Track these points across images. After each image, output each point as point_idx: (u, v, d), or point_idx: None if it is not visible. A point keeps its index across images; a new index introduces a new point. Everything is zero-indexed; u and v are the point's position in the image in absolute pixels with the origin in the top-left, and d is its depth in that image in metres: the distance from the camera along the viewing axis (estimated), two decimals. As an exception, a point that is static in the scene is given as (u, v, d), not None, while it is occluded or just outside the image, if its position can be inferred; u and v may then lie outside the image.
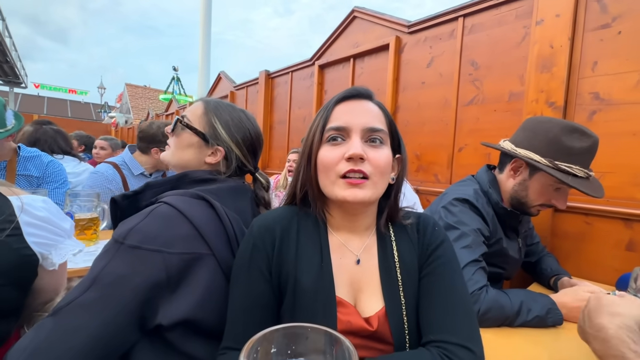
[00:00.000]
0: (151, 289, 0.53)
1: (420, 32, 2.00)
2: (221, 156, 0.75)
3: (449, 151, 1.82)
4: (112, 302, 0.51)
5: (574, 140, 0.93)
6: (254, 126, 0.81)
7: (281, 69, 3.32)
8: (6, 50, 11.18)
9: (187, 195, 0.64)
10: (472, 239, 0.93)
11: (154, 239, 0.55)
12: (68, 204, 1.29)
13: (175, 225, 0.58)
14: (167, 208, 0.60)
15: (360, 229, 0.62)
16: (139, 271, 0.53)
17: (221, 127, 0.75)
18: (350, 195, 0.54)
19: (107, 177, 1.72)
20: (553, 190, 1.00)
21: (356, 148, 0.54)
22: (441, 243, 0.61)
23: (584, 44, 1.33)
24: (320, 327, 0.32)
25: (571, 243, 1.34)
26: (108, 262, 0.53)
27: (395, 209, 0.64)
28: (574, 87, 1.35)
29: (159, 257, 0.54)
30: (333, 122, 0.58)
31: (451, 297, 0.56)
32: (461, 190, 1.06)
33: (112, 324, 0.51)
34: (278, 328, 0.31)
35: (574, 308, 0.85)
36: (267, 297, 0.56)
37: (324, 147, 0.58)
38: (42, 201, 0.70)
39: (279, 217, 0.61)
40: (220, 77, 4.63)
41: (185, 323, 0.56)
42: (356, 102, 0.60)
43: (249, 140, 0.79)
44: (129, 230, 0.55)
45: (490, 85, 1.67)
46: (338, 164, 0.56)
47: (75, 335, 0.48)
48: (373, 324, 0.56)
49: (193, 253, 0.58)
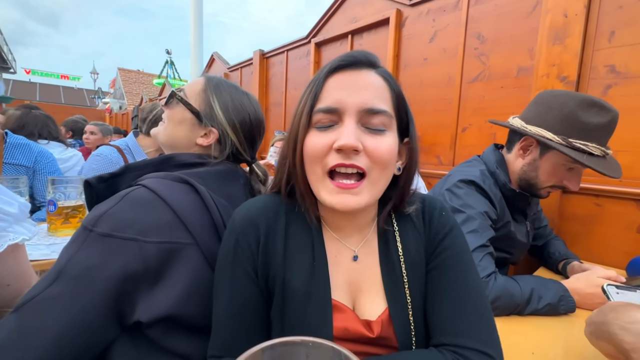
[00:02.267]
0: (126, 281, 0.48)
1: (422, 4, 1.87)
2: (214, 139, 0.68)
3: (452, 131, 1.74)
4: (80, 297, 0.46)
5: (591, 115, 0.85)
6: (255, 112, 0.73)
7: (276, 48, 3.18)
8: (-9, 34, 10.79)
9: (168, 178, 0.58)
10: (479, 223, 0.87)
11: (129, 227, 0.49)
12: (51, 191, 1.22)
13: (153, 211, 0.52)
14: (145, 191, 0.54)
15: (360, 225, 0.54)
16: (111, 262, 0.47)
17: (219, 108, 0.68)
18: (339, 203, 0.45)
19: (110, 159, 1.62)
20: (565, 171, 0.93)
21: (347, 137, 0.43)
22: (450, 230, 0.53)
23: (601, 12, 1.23)
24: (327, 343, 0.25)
25: (580, 225, 1.29)
26: (76, 252, 0.48)
27: (402, 201, 0.54)
28: (588, 60, 1.26)
29: (135, 246, 0.48)
30: (322, 101, 0.47)
31: (464, 292, 0.49)
32: (467, 171, 1.00)
33: (82, 321, 0.45)
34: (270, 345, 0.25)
35: (588, 295, 0.80)
36: (256, 300, 0.49)
37: (311, 133, 0.47)
38: None
39: (264, 208, 0.52)
40: (214, 59, 4.46)
41: (168, 319, 0.51)
42: (353, 74, 0.47)
43: (247, 126, 0.71)
44: (99, 216, 0.49)
45: (497, 60, 1.57)
46: (326, 156, 0.45)
47: (40, 334, 0.43)
48: (374, 329, 0.49)
49: (173, 242, 0.52)
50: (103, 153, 1.64)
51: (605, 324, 0.50)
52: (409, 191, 0.54)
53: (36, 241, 1.15)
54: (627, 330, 0.47)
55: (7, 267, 0.64)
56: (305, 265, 0.50)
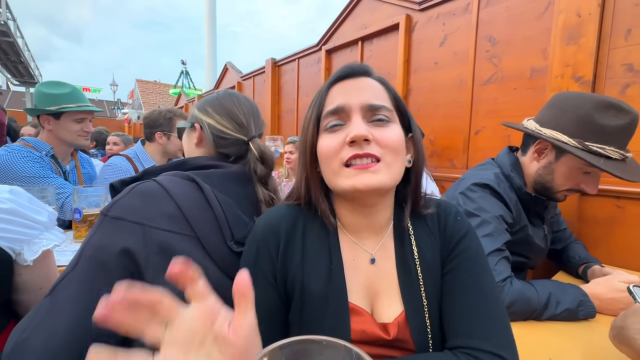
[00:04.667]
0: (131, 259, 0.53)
1: (432, 8, 1.88)
2: (198, 131, 0.74)
3: (465, 134, 1.72)
4: (97, 272, 0.51)
5: (608, 117, 0.83)
6: (231, 95, 0.77)
7: (287, 56, 3.23)
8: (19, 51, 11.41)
9: (177, 176, 0.63)
10: (494, 227, 0.86)
11: (136, 212, 0.55)
12: (76, 199, 1.29)
13: (159, 201, 0.57)
14: (153, 184, 0.60)
15: (376, 225, 0.55)
16: (119, 240, 0.53)
17: (195, 109, 0.77)
18: (359, 182, 0.46)
19: (120, 168, 1.73)
20: (582, 174, 0.91)
21: (358, 129, 0.47)
22: (465, 234, 0.54)
23: (616, 10, 1.21)
24: (339, 342, 0.27)
25: (601, 228, 1.25)
26: (93, 235, 0.54)
27: (418, 196, 0.55)
28: (604, 59, 1.24)
29: (140, 229, 0.54)
30: (328, 105, 0.52)
31: (479, 295, 0.49)
32: (481, 174, 0.99)
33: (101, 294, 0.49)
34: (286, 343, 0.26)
35: (609, 300, 0.78)
36: (275, 306, 0.52)
37: (322, 136, 0.51)
38: (8, 192, 0.66)
39: (283, 216, 0.55)
40: (227, 68, 4.57)
41: None
42: (352, 81, 0.53)
43: (221, 107, 0.74)
44: (113, 203, 0.56)
45: (509, 62, 1.55)
46: (340, 151, 0.48)
47: (67, 307, 0.49)
48: (390, 331, 0.50)
49: (174, 232, 0.56)
50: (113, 163, 1.76)
51: (624, 329, 0.50)
52: (421, 185, 0.56)
53: (63, 247, 1.21)
54: None
55: (40, 272, 0.69)
56: (323, 270, 0.51)
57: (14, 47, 11.13)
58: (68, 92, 1.49)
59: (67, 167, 1.59)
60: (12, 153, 1.38)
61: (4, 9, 9.76)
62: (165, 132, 1.79)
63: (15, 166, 1.36)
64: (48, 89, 1.48)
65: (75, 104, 1.49)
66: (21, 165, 1.37)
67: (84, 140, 1.58)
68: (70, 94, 1.50)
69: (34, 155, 1.42)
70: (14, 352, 0.47)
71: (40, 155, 1.45)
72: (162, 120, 1.78)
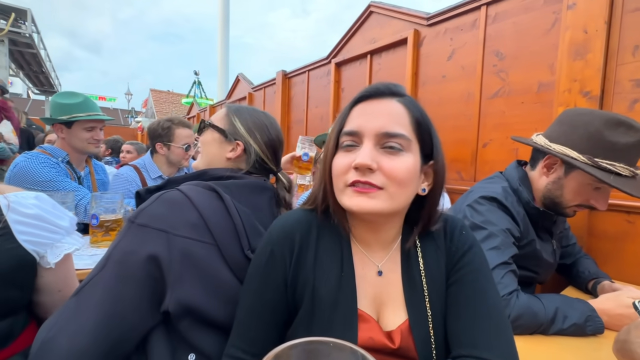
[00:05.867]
0: (153, 264, 0.55)
1: (439, 24, 1.92)
2: (240, 150, 0.77)
3: (473, 147, 1.74)
4: (121, 276, 0.54)
5: (618, 134, 0.83)
6: (272, 125, 0.82)
7: (298, 68, 3.31)
8: (42, 62, 11.92)
9: (199, 186, 0.66)
10: (501, 240, 0.87)
11: (161, 220, 0.58)
12: (94, 205, 1.34)
13: (182, 210, 0.60)
14: (178, 194, 0.63)
15: (384, 241, 0.57)
16: (145, 246, 0.55)
17: (240, 124, 0.78)
18: (355, 205, 0.48)
19: (126, 178, 1.77)
20: (592, 190, 0.91)
21: (363, 157, 0.48)
22: (470, 248, 0.56)
23: (623, 27, 1.22)
24: (345, 344, 0.28)
25: (611, 244, 1.24)
26: (120, 240, 0.57)
27: (431, 221, 0.56)
28: (611, 75, 1.25)
29: (164, 236, 0.57)
30: (347, 125, 0.53)
31: (483, 307, 0.51)
32: (488, 187, 1.00)
33: (123, 298, 0.53)
34: (296, 343, 0.28)
35: (617, 315, 0.77)
36: (278, 306, 0.54)
37: (338, 153, 0.54)
38: (34, 198, 0.68)
39: (298, 221, 0.57)
40: (239, 79, 4.69)
41: (191, 312, 0.57)
42: (375, 102, 0.53)
43: (267, 137, 0.79)
44: (140, 211, 0.59)
45: (516, 76, 1.57)
46: (347, 173, 0.50)
47: (91, 310, 0.52)
48: (395, 339, 0.52)
49: (196, 240, 0.59)
50: (121, 173, 1.80)
51: (628, 342, 0.50)
52: (436, 212, 0.56)
53: (80, 252, 1.25)
54: None
55: (60, 274, 0.72)
56: (334, 276, 0.53)
57: (37, 58, 11.64)
58: (79, 102, 1.55)
59: (82, 173, 1.66)
60: (30, 159, 1.45)
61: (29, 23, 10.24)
62: (164, 142, 1.80)
63: (33, 171, 1.43)
64: (61, 99, 1.55)
65: (85, 113, 1.55)
66: (39, 171, 1.44)
67: (94, 147, 1.63)
68: (81, 104, 1.56)
69: (50, 161, 1.50)
70: (42, 349, 0.50)
71: (57, 162, 1.52)
72: (160, 131, 1.79)
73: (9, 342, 0.62)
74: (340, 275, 0.53)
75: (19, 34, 10.17)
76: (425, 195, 0.55)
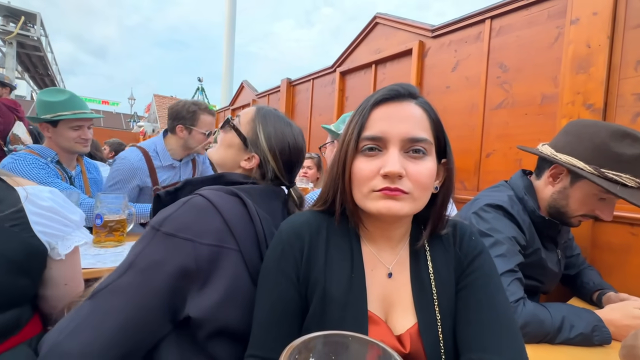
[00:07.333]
0: (181, 277, 0.54)
1: (444, 35, 1.96)
2: (255, 164, 0.75)
3: (476, 157, 1.75)
4: (145, 286, 0.52)
5: (624, 146, 0.84)
6: (295, 141, 0.78)
7: (302, 76, 3.35)
8: (48, 65, 12.07)
9: (222, 191, 0.65)
10: (507, 248, 0.87)
11: (187, 228, 0.56)
12: (98, 205, 1.34)
13: (207, 217, 0.59)
14: (202, 200, 0.61)
15: (394, 239, 0.57)
16: (172, 257, 0.54)
17: (263, 136, 0.75)
18: (384, 207, 0.49)
19: (132, 164, 1.66)
20: (597, 200, 0.92)
21: (393, 165, 0.48)
22: (479, 254, 0.56)
23: (625, 43, 1.25)
24: (363, 337, 0.29)
25: (615, 255, 1.23)
26: (144, 248, 0.55)
27: (440, 222, 0.57)
28: (614, 88, 1.27)
29: (191, 246, 0.55)
30: (368, 130, 0.52)
31: (493, 312, 0.51)
32: (494, 196, 1.01)
33: (145, 308, 0.52)
34: (319, 335, 0.29)
35: (624, 326, 0.77)
36: (295, 304, 0.53)
37: (359, 158, 0.52)
38: (48, 192, 0.70)
39: (307, 222, 0.57)
40: (243, 86, 4.74)
41: (211, 320, 0.56)
42: (396, 105, 0.52)
43: (286, 154, 0.77)
44: (165, 218, 0.57)
45: (520, 88, 1.60)
46: (373, 179, 0.50)
47: (109, 317, 0.50)
48: (405, 343, 0.51)
49: (221, 246, 0.58)
50: (127, 157, 1.68)
51: (636, 347, 0.50)
52: (446, 209, 0.57)
53: (83, 251, 1.25)
54: None
55: (68, 267, 0.74)
56: (344, 276, 0.53)
57: (43, 61, 11.78)
58: (64, 100, 1.47)
59: (73, 173, 1.60)
60: (18, 161, 1.39)
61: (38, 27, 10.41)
62: (187, 125, 1.70)
63: (21, 173, 1.35)
64: (46, 97, 1.46)
65: (71, 112, 1.47)
66: (27, 172, 1.37)
67: (82, 147, 1.55)
68: (66, 101, 1.47)
69: (39, 162, 1.43)
70: (52, 352, 0.48)
71: (46, 162, 1.46)
72: (184, 113, 1.70)
73: (17, 331, 0.63)
74: (351, 276, 0.53)
75: (27, 37, 10.33)
76: (436, 193, 0.56)
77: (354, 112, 0.56)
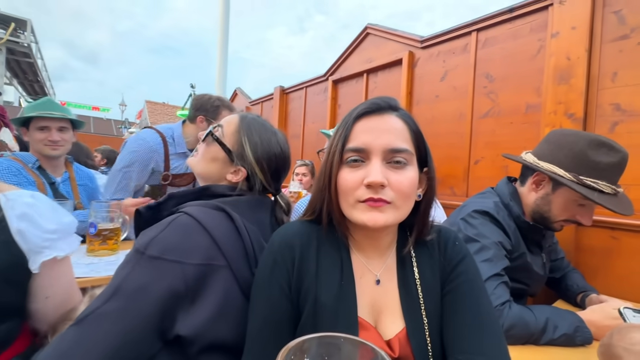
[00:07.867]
0: (170, 299, 0.53)
1: (433, 46, 2.03)
2: (242, 177, 0.74)
3: (465, 164, 1.80)
4: (132, 312, 0.51)
5: (601, 155, 0.90)
6: (282, 150, 0.77)
7: (296, 84, 3.40)
8: (38, 71, 11.92)
9: (207, 207, 0.64)
10: (493, 252, 0.91)
11: (174, 250, 0.55)
12: (92, 214, 1.34)
13: (194, 236, 0.58)
14: (187, 218, 0.60)
15: (381, 247, 0.59)
16: (159, 281, 0.53)
17: (249, 149, 0.73)
18: (369, 219, 0.51)
19: (151, 146, 1.63)
20: (577, 206, 0.97)
21: (375, 175, 0.50)
22: (463, 258, 0.59)
23: (602, 56, 1.32)
24: (355, 338, 0.31)
25: (597, 258, 1.28)
26: (129, 272, 0.54)
27: (424, 228, 0.59)
28: (593, 98, 1.33)
29: (178, 267, 0.54)
30: (352, 142, 0.54)
31: (477, 315, 0.54)
32: (481, 202, 1.04)
33: (132, 333, 0.51)
34: (313, 337, 0.31)
35: (604, 327, 0.80)
36: (288, 314, 0.54)
37: (343, 169, 0.54)
38: (29, 196, 0.67)
39: (298, 232, 0.59)
40: (236, 93, 4.76)
41: (203, 336, 0.55)
42: (377, 118, 0.55)
43: (273, 164, 0.76)
44: (150, 241, 0.56)
45: (505, 98, 1.66)
46: (357, 189, 0.52)
47: (96, 344, 0.49)
48: (395, 348, 0.53)
49: (209, 264, 0.57)
50: (145, 139, 1.64)
51: (611, 346, 0.53)
52: (429, 216, 0.59)
53: (76, 260, 1.24)
54: (630, 351, 0.50)
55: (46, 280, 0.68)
56: (334, 284, 0.55)
57: (33, 68, 11.63)
58: (37, 103, 1.46)
59: (58, 179, 1.56)
60: None
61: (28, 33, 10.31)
62: (207, 117, 1.71)
63: None
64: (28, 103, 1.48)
65: (37, 112, 1.43)
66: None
67: (50, 150, 1.49)
68: (38, 104, 1.46)
69: (12, 168, 1.40)
70: None
71: (20, 168, 1.42)
72: (208, 106, 1.71)
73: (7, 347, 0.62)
74: (341, 284, 0.55)
75: (17, 43, 10.22)
76: (419, 201, 0.58)
77: (339, 124, 0.58)
